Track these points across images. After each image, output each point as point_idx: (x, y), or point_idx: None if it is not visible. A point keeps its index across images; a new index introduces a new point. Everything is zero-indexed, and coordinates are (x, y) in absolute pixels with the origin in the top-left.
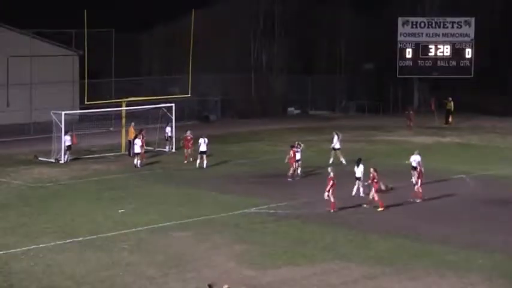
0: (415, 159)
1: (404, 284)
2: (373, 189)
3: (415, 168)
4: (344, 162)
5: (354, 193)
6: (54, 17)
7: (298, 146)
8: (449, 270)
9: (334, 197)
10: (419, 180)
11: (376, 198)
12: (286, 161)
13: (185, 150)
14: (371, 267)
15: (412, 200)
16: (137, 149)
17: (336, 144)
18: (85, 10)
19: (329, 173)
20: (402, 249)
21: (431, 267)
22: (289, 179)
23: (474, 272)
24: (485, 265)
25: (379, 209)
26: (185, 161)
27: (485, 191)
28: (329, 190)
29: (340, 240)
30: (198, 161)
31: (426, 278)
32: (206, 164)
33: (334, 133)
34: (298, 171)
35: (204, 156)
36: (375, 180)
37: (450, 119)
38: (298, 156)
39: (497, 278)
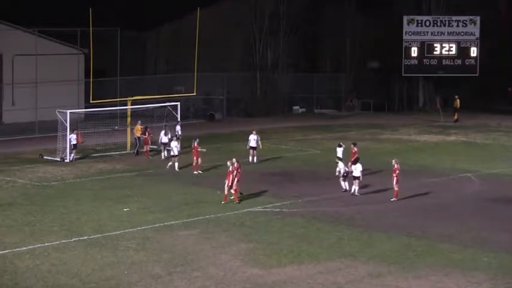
0: (356, 167)
1: (409, 283)
2: (235, 180)
3: (358, 178)
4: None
5: (352, 192)
6: (60, 15)
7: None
8: (455, 269)
9: (228, 189)
10: (396, 179)
11: (226, 192)
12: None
13: (194, 160)
14: (376, 266)
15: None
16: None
17: (164, 138)
18: (90, 9)
19: (233, 163)
20: (407, 248)
21: (436, 266)
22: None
23: (479, 271)
24: (491, 263)
25: (223, 202)
26: (195, 172)
27: (491, 189)
28: (230, 182)
29: (345, 238)
30: (250, 157)
31: (431, 277)
32: (256, 159)
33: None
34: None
35: (254, 151)
36: (239, 171)
37: (456, 116)
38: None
39: (503, 276)
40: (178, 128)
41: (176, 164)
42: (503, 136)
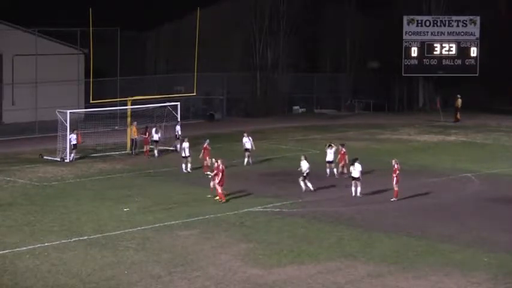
0: (355, 168)
1: (409, 283)
2: (216, 180)
3: (358, 179)
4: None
5: (353, 194)
6: (60, 15)
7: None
8: (455, 269)
9: (221, 188)
10: (396, 179)
11: (219, 190)
12: (337, 160)
13: (207, 160)
14: (376, 266)
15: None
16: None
17: (155, 136)
18: (90, 9)
19: (218, 164)
20: (407, 248)
21: (436, 266)
22: (337, 177)
23: (479, 271)
24: (491, 263)
25: (223, 201)
26: (207, 172)
27: (491, 189)
28: (216, 180)
29: (345, 238)
30: (245, 159)
31: (431, 277)
32: (252, 161)
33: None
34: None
35: (248, 153)
36: (221, 172)
37: (458, 116)
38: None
39: (503, 276)
40: (178, 128)
41: (184, 166)
42: (503, 136)
